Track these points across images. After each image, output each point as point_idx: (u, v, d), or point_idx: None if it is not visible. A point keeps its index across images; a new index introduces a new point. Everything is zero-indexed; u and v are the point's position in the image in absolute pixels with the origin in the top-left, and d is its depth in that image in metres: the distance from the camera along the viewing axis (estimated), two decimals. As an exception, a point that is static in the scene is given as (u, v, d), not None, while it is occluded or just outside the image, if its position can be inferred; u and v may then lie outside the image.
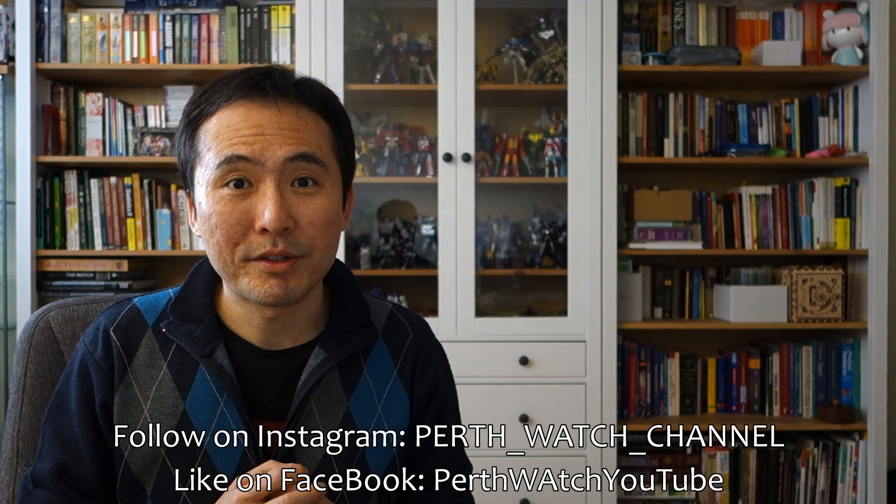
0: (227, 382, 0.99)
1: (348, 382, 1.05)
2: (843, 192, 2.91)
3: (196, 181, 0.97)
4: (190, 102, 1.00)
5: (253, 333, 1.03)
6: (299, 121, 0.96)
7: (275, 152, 0.93)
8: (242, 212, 0.94)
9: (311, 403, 1.02)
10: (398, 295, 2.92)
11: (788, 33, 2.98)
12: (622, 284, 2.82)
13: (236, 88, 0.96)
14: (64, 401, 1.03)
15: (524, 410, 2.70)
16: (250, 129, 0.94)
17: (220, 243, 0.95)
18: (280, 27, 2.87)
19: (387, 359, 1.09)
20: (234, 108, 0.95)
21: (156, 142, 2.88)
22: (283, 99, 0.96)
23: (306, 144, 0.95)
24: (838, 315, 2.85)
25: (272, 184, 0.93)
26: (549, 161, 2.89)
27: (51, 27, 2.83)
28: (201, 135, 0.97)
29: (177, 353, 1.01)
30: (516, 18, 2.99)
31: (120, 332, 1.03)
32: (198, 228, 0.99)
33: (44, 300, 2.78)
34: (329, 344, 1.03)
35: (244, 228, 0.94)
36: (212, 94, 0.97)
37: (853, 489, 2.88)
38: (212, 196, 0.95)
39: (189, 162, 0.99)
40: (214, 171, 0.94)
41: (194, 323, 1.01)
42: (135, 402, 1.00)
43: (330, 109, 1.00)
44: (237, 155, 0.93)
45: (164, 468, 0.99)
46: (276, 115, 0.95)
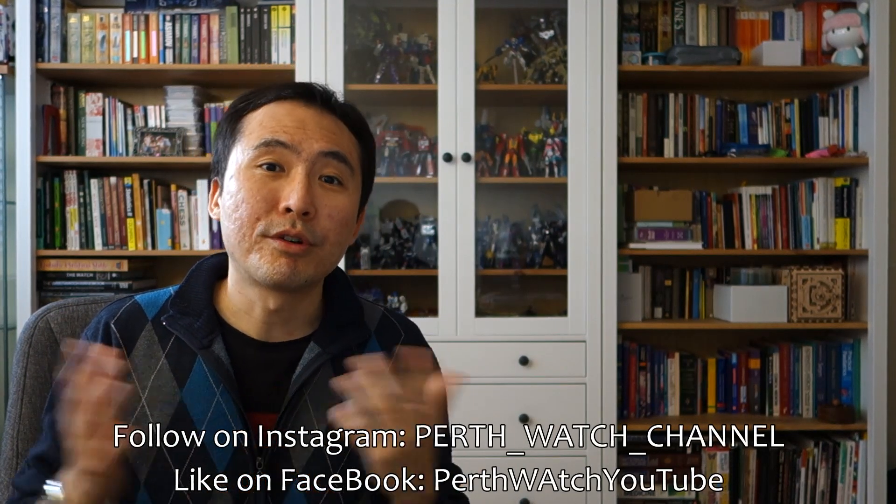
0: (223, 373, 1.02)
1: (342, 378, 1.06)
2: (843, 192, 2.91)
3: (230, 163, 1.04)
4: (237, 99, 1.07)
5: (251, 325, 1.06)
6: (337, 127, 1.05)
7: (311, 145, 1.01)
8: (270, 190, 1.00)
9: (305, 397, 1.05)
10: (398, 295, 2.91)
11: (788, 33, 2.98)
12: (622, 284, 2.82)
13: (286, 88, 1.05)
14: (62, 391, 1.04)
15: (524, 410, 2.70)
16: (293, 121, 1.02)
17: (242, 217, 1.00)
18: (280, 27, 2.87)
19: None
20: (281, 103, 1.04)
21: (156, 142, 2.88)
22: (326, 106, 1.06)
23: (340, 146, 1.04)
24: (838, 315, 2.85)
25: (303, 171, 1.00)
26: (549, 161, 2.89)
27: (51, 27, 2.83)
28: (245, 122, 1.04)
29: (175, 345, 1.05)
30: (516, 18, 2.99)
31: (120, 324, 1.06)
32: (220, 210, 1.05)
33: (44, 300, 2.78)
34: (323, 339, 1.07)
35: (269, 206, 0.99)
36: (263, 91, 1.06)
37: (853, 489, 2.88)
38: (244, 174, 1.01)
39: (226, 146, 1.05)
40: (252, 151, 1.01)
41: (193, 317, 1.05)
42: (132, 391, 1.01)
43: (362, 132, 1.10)
44: (276, 140, 1.01)
45: (160, 456, 1.01)
46: (318, 115, 1.04)
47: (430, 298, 2.80)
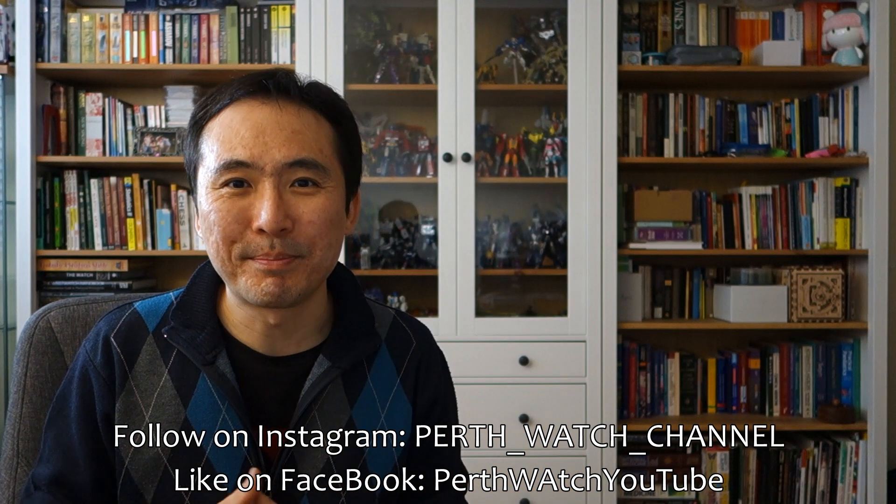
0: (228, 390, 0.98)
1: (352, 391, 1.04)
2: (843, 192, 2.91)
3: (199, 181, 0.98)
4: (197, 105, 1.00)
5: (255, 339, 1.02)
6: (300, 120, 0.96)
7: (273, 156, 0.93)
8: (240, 210, 0.94)
9: (314, 412, 1.01)
10: (398, 295, 2.92)
11: (788, 33, 2.98)
12: (622, 284, 2.82)
13: (238, 87, 0.96)
14: (64, 407, 1.03)
15: (524, 410, 2.70)
16: (249, 129, 0.94)
17: (217, 241, 0.95)
18: (280, 27, 2.87)
19: (390, 367, 1.09)
20: (237, 107, 0.95)
21: (156, 142, 2.88)
22: (284, 97, 0.96)
23: (306, 149, 0.95)
24: (838, 315, 2.85)
25: (270, 186, 0.93)
26: (549, 161, 2.89)
27: (51, 27, 2.83)
28: (205, 135, 0.97)
29: (178, 359, 1.01)
30: (516, 18, 2.99)
31: (120, 338, 1.02)
32: (199, 228, 1.00)
33: (44, 300, 2.78)
34: (333, 352, 1.03)
35: (241, 227, 0.94)
36: (217, 95, 0.98)
37: (853, 489, 2.88)
38: (211, 195, 0.95)
39: (193, 163, 0.99)
40: (214, 173, 0.94)
41: (196, 329, 1.01)
42: (136, 408, 1.00)
43: (334, 110, 1.00)
44: (235, 160, 0.93)
45: (166, 475, 0.98)
46: (276, 114, 0.95)
47: (430, 298, 2.80)
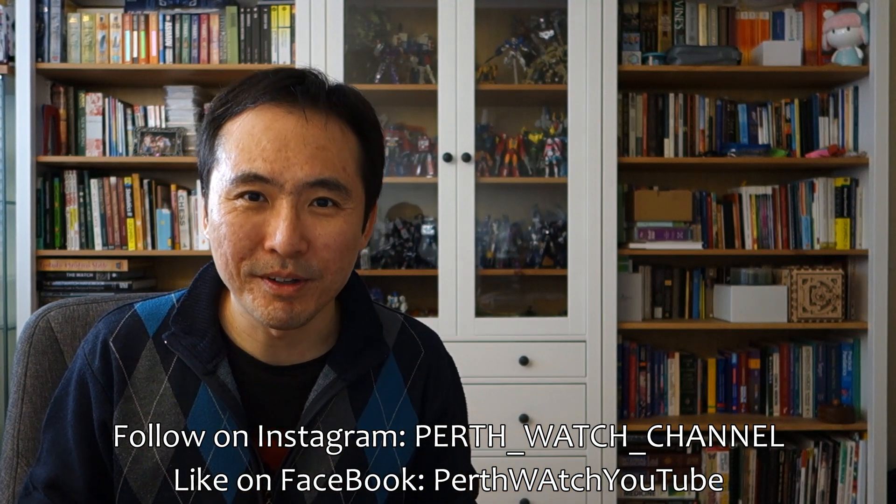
0: (229, 400, 0.95)
1: (357, 402, 1.01)
2: (843, 192, 2.91)
3: (212, 184, 0.92)
4: (216, 99, 0.94)
5: (258, 348, 0.98)
6: (326, 135, 0.90)
7: (295, 174, 0.88)
8: (254, 226, 0.88)
9: (319, 423, 0.98)
10: (398, 295, 2.92)
11: (788, 33, 2.98)
12: (622, 284, 2.82)
13: (265, 90, 0.90)
14: (61, 409, 1.01)
15: (524, 410, 2.70)
16: (272, 141, 0.88)
17: (226, 255, 0.90)
18: (280, 27, 2.87)
19: (397, 378, 1.05)
20: (260, 111, 0.89)
21: (156, 142, 2.88)
22: (312, 107, 0.90)
23: (330, 167, 0.89)
24: (838, 315, 2.85)
25: (288, 205, 0.88)
26: (549, 161, 2.89)
27: (51, 27, 2.83)
28: (223, 137, 0.91)
29: (178, 366, 0.97)
30: (516, 18, 2.99)
31: (119, 342, 0.99)
32: (207, 234, 0.95)
33: (44, 300, 2.78)
34: (339, 363, 0.99)
35: (253, 244, 0.89)
36: (240, 93, 0.92)
37: (853, 489, 2.88)
38: (224, 206, 0.90)
39: (207, 164, 0.93)
40: (229, 184, 0.89)
41: (197, 337, 0.97)
42: (135, 416, 0.97)
43: (361, 121, 0.94)
44: (254, 174, 0.87)
45: (165, 485, 0.96)
46: (301, 126, 0.89)
47: (431, 298, 2.80)
